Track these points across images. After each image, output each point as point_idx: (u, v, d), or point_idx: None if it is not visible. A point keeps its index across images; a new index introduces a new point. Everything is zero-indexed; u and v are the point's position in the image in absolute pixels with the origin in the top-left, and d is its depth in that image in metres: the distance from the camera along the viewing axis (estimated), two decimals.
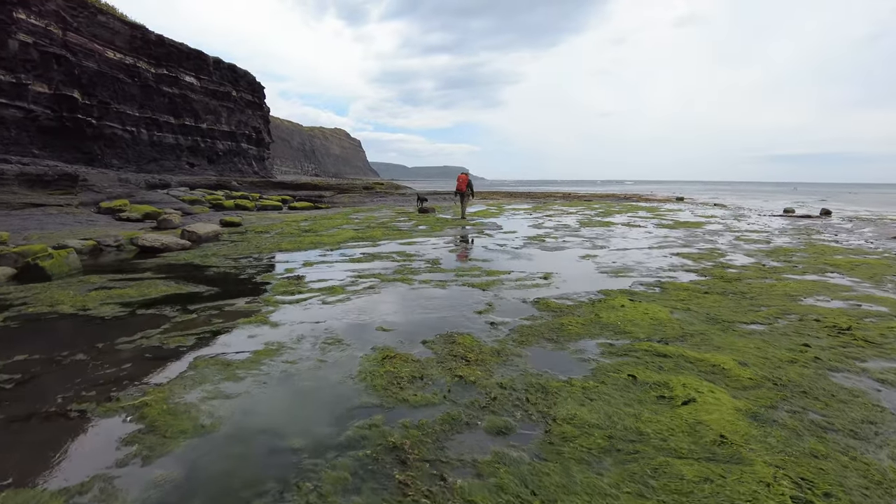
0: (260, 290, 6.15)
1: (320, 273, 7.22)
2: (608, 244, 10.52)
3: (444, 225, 14.54)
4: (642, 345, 4.02)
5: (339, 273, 7.19)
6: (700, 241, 11.22)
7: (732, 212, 22.82)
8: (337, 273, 7.19)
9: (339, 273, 7.18)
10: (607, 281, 6.74)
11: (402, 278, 6.76)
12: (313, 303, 5.49)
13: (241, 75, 39.13)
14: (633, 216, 18.72)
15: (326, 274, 7.14)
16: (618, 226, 14.80)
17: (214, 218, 15.72)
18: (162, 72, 29.42)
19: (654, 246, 10.26)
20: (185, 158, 31.71)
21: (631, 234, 12.43)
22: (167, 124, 30.08)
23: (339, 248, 9.82)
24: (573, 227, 14.06)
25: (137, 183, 21.36)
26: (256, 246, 9.98)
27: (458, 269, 7.55)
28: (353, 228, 13.30)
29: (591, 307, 5.24)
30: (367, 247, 9.98)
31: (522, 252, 9.33)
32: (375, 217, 17.40)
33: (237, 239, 11.26)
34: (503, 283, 6.46)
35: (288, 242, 10.37)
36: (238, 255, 8.82)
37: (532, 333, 4.34)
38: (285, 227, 13.38)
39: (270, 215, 17.07)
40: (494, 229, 13.62)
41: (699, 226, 14.96)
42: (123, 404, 3.02)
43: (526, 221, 16.23)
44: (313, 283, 6.47)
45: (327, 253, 9.14)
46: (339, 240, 10.88)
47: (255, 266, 7.82)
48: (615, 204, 27.82)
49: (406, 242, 10.67)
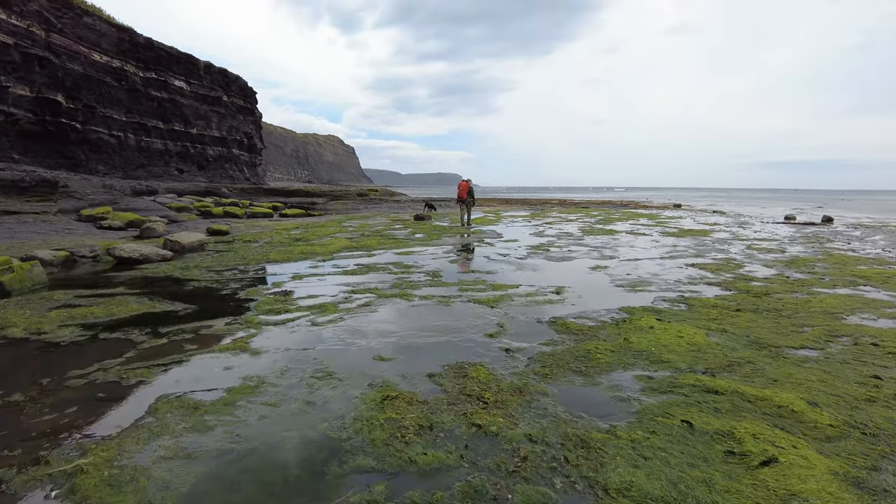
0: (242, 309, 5.50)
1: (311, 288, 6.58)
2: (617, 254, 9.98)
3: (441, 233, 13.95)
4: (686, 378, 3.44)
5: (332, 288, 6.55)
6: (711, 250, 10.72)
7: (734, 219, 22.47)
8: (329, 288, 6.55)
9: (331, 288, 6.55)
10: (626, 296, 6.17)
11: (400, 293, 6.15)
12: (301, 324, 4.86)
13: (233, 80, 38.48)
14: (635, 224, 18.26)
15: (317, 289, 6.50)
16: (622, 234, 14.30)
17: (201, 226, 15.01)
18: (150, 75, 28.70)
19: (666, 256, 9.74)
20: (174, 164, 30.90)
21: (638, 243, 11.91)
22: (156, 129, 29.31)
23: (331, 258, 9.19)
24: (576, 236, 13.53)
25: (123, 189, 20.57)
26: (243, 257, 9.31)
27: (460, 282, 6.95)
28: (347, 237, 12.67)
29: (616, 328, 4.66)
30: (362, 257, 9.36)
31: (528, 263, 8.76)
32: (370, 225, 16.78)
33: (223, 249, 10.59)
34: (512, 299, 5.87)
35: (277, 253, 9.71)
36: (222, 267, 8.16)
37: (556, 363, 3.74)
38: (275, 236, 12.72)
39: (260, 223, 16.38)
40: (494, 238, 13.06)
41: (705, 234, 14.50)
42: (53, 470, 2.36)
43: (526, 229, 15.69)
44: (302, 300, 5.83)
45: (319, 264, 8.50)
46: (331, 249, 10.24)
47: (240, 280, 7.17)
48: (614, 211, 27.44)
49: (403, 252, 10.07)
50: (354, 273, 7.62)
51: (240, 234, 13.60)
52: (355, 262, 8.64)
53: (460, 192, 16.27)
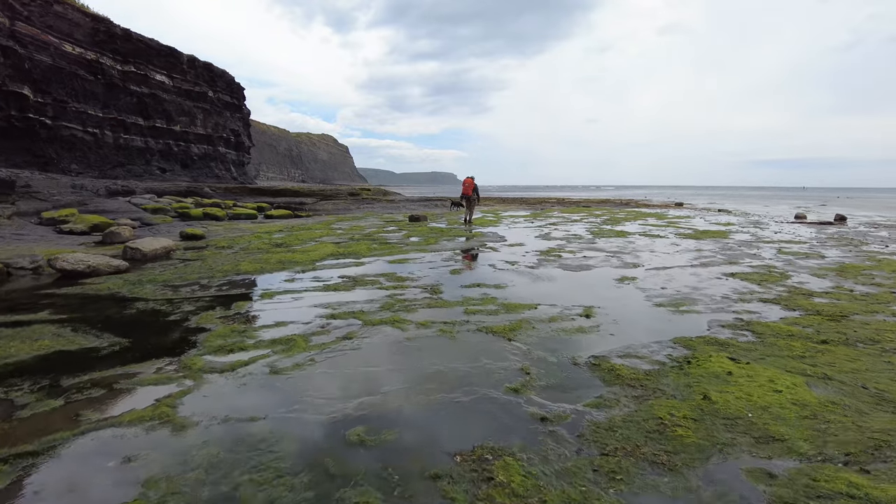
0: (187, 344, 4.24)
1: (280, 310, 5.33)
2: (639, 260, 8.80)
3: (439, 236, 12.72)
4: (823, 471, 2.25)
5: (306, 311, 5.30)
6: (742, 255, 9.58)
7: (744, 218, 21.45)
8: (303, 311, 5.30)
9: (305, 311, 5.30)
10: (673, 320, 4.98)
11: (391, 318, 4.91)
12: (256, 371, 3.61)
13: (219, 75, 36.93)
14: (644, 224, 17.14)
15: (288, 312, 5.25)
16: (635, 236, 13.15)
17: (175, 230, 13.67)
18: (129, 69, 27.16)
19: (695, 263, 8.57)
20: (155, 163, 29.39)
21: (657, 247, 10.75)
22: (135, 126, 27.79)
23: (313, 268, 7.93)
24: (587, 239, 12.36)
25: (95, 189, 19.13)
26: (210, 267, 8.02)
27: (465, 300, 5.72)
28: (335, 241, 11.40)
29: (682, 375, 3.45)
30: (349, 267, 8.11)
31: (541, 273, 7.55)
32: (361, 227, 15.51)
33: (192, 257, 9.29)
34: (533, 326, 4.66)
35: (251, 262, 8.43)
36: (182, 282, 6.87)
37: (621, 447, 2.52)
38: (254, 241, 11.42)
39: (241, 225, 15.08)
40: (497, 241, 11.85)
41: (724, 235, 13.39)
42: None
43: (530, 231, 14.50)
44: (266, 331, 4.58)
45: (297, 276, 7.24)
46: (314, 257, 8.98)
47: (197, 299, 5.89)
48: (617, 210, 26.36)
49: (397, 260, 8.83)
50: (337, 289, 6.36)
51: (216, 238, 12.29)
52: (340, 274, 7.38)
53: (465, 189, 15.60)
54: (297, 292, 6.20)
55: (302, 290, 6.28)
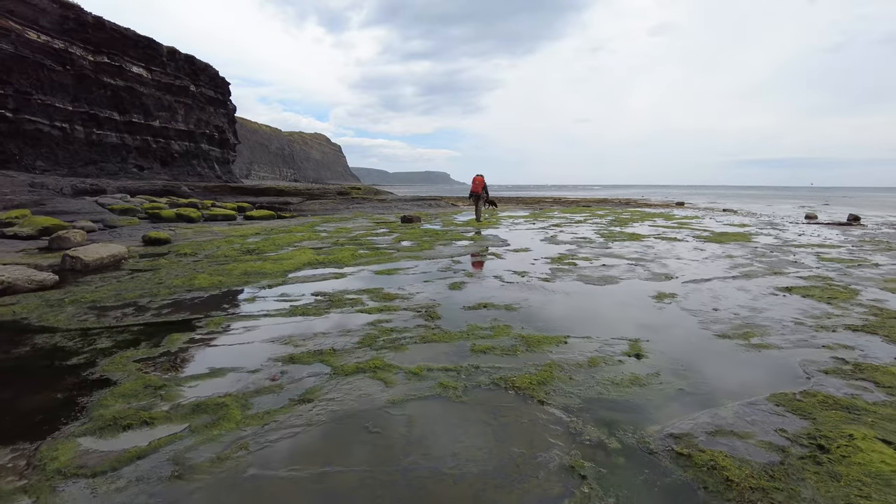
0: (70, 410, 2.89)
1: (223, 348, 3.98)
2: (668, 270, 7.55)
3: (434, 239, 11.40)
4: None
5: (258, 348, 3.95)
6: (781, 262, 8.38)
7: (755, 219, 20.40)
8: (254, 349, 3.95)
9: (257, 349, 3.95)
10: (750, 361, 3.71)
11: (372, 363, 3.59)
12: (150, 474, 2.26)
13: (202, 68, 35.20)
14: (654, 226, 15.96)
15: (233, 351, 3.90)
16: (650, 239, 11.93)
17: (139, 233, 12.20)
18: (102, 60, 25.43)
19: (735, 273, 7.34)
20: (132, 161, 27.69)
21: (681, 253, 9.52)
22: (109, 121, 26.08)
23: (283, 282, 6.57)
24: (599, 243, 11.10)
25: (59, 188, 17.55)
26: (159, 281, 6.63)
27: (470, 329, 4.42)
28: (315, 247, 10.03)
29: (825, 478, 2.17)
30: (327, 279, 6.76)
31: (559, 288, 6.26)
32: (348, 229, 14.14)
33: (145, 266, 7.88)
34: (569, 375, 3.37)
35: (211, 273, 7.05)
36: (116, 302, 5.49)
37: None
38: (223, 246, 10.02)
39: (215, 228, 13.66)
40: (499, 245, 10.56)
41: (746, 238, 12.22)
42: None
43: (533, 234, 13.22)
44: (192, 386, 3.23)
45: (259, 294, 5.88)
46: (288, 267, 7.62)
47: (122, 329, 4.52)
48: (620, 210, 25.23)
49: (385, 270, 7.49)
50: (307, 312, 5.01)
51: (182, 243, 10.86)
52: (315, 290, 6.03)
53: (475, 186, 15.49)
54: (253, 318, 4.84)
55: (261, 315, 4.92)
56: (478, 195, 15.78)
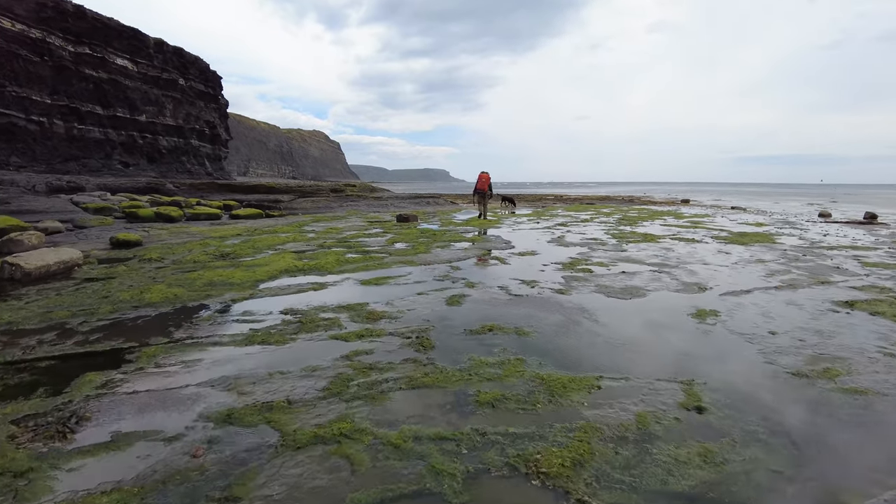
0: None
1: (146, 397, 2.99)
2: (699, 278, 6.58)
3: (430, 241, 10.41)
4: None
5: (191, 398, 2.96)
6: (821, 268, 7.43)
7: (769, 217, 19.48)
8: (186, 398, 2.96)
9: (189, 399, 2.96)
10: (849, 418, 2.75)
11: (337, 425, 2.60)
12: None
13: (191, 61, 34.00)
14: (665, 225, 15.01)
15: (158, 403, 2.91)
16: (665, 240, 10.97)
17: (108, 234, 11.17)
18: (83, 51, 24.25)
19: (776, 282, 6.38)
20: (117, 157, 26.57)
21: (705, 256, 8.55)
22: (92, 115, 24.93)
23: (251, 294, 5.58)
24: (611, 245, 10.13)
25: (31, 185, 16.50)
26: (106, 294, 5.63)
27: (473, 367, 3.44)
28: (299, 250, 9.03)
29: None
30: (304, 290, 5.78)
31: (575, 301, 5.28)
32: (338, 229, 13.14)
33: (99, 275, 6.87)
34: (611, 444, 2.40)
35: (170, 284, 6.05)
36: (36, 324, 4.48)
37: None
38: (196, 249, 9.01)
39: (193, 228, 12.64)
40: (503, 247, 9.59)
41: (768, 239, 11.28)
42: None
43: (539, 234, 12.25)
44: (76, 468, 2.24)
45: (217, 312, 4.88)
46: (261, 275, 6.62)
47: (22, 367, 3.52)
48: (626, 208, 24.27)
49: (373, 279, 6.50)
50: (267, 340, 4.02)
51: (152, 245, 9.85)
52: (285, 307, 5.04)
53: (481, 183, 15.24)
54: (199, 347, 3.85)
55: (209, 344, 3.93)
56: (483, 192, 15.53)
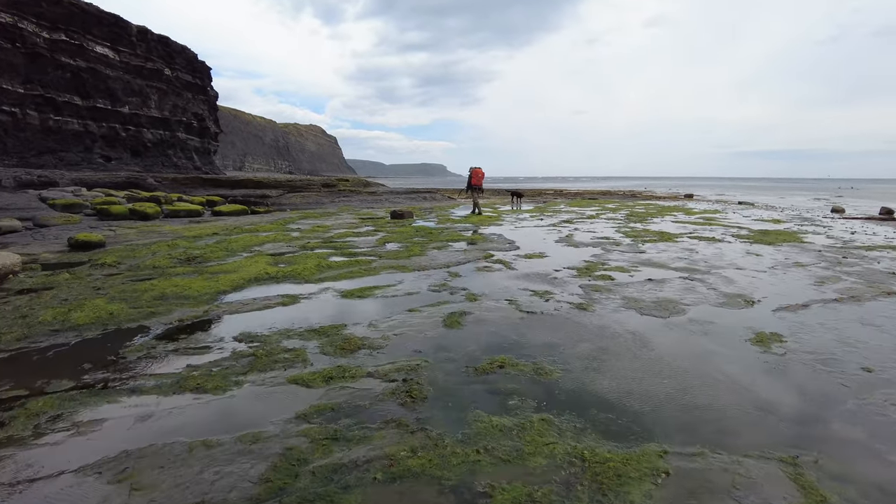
0: None
1: None
2: (737, 286, 5.61)
3: (426, 241, 9.40)
4: None
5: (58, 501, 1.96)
6: (873, 273, 6.49)
7: (783, 213, 18.57)
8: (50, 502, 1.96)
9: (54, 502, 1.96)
10: None
11: None
12: None
13: (178, 51, 32.62)
14: (677, 222, 14.06)
15: None
16: (683, 239, 10.01)
17: (68, 234, 10.09)
18: (59, 37, 22.91)
19: (833, 294, 5.42)
20: (98, 150, 25.31)
21: (734, 258, 7.59)
22: (70, 106, 23.64)
23: (205, 312, 4.56)
24: (626, 245, 9.15)
25: None
26: (23, 314, 4.58)
27: (479, 435, 2.46)
28: (277, 252, 8.01)
29: None
30: (272, 306, 4.77)
31: (601, 321, 4.29)
32: (326, 227, 12.10)
33: (35, 284, 5.83)
34: None
35: (109, 298, 5.03)
36: None
37: None
38: (160, 252, 7.97)
39: (166, 227, 11.57)
40: (506, 248, 8.59)
41: (795, 238, 10.34)
42: None
43: (544, 232, 11.25)
44: None
45: (154, 339, 3.87)
46: (225, 285, 5.60)
47: None
48: (631, 203, 23.33)
49: (356, 290, 5.49)
50: (203, 386, 3.00)
51: (116, 246, 8.80)
52: (241, 332, 4.03)
53: (476, 179, 14.88)
54: (108, 398, 2.83)
55: (124, 392, 2.91)
56: (478, 188, 15.20)
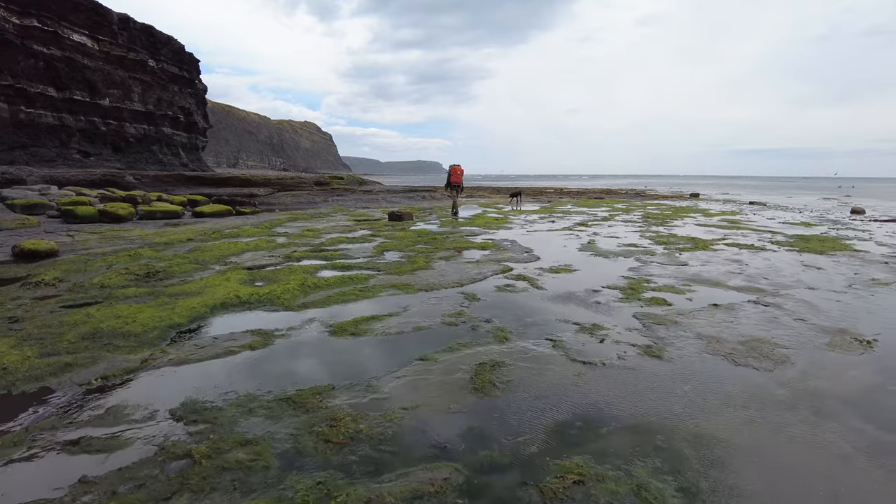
0: None
1: None
2: (829, 318, 4.47)
3: (431, 248, 8.17)
4: None
5: None
6: None
7: (805, 215, 17.54)
8: None
9: None
10: None
11: None
12: None
13: (163, 41, 31.01)
14: (700, 225, 12.96)
15: None
16: (719, 246, 8.88)
17: (14, 241, 8.73)
18: (31, 23, 21.38)
19: None
20: (75, 145, 23.78)
21: (795, 273, 6.44)
22: (43, 97, 22.10)
23: (143, 363, 3.33)
24: (661, 254, 7.98)
25: None
26: None
27: None
28: (256, 265, 6.75)
29: None
30: (236, 352, 3.54)
31: (684, 376, 3.11)
32: (316, 231, 10.84)
33: None
34: None
35: (16, 339, 3.77)
36: None
37: None
38: (116, 265, 6.68)
39: (134, 232, 10.24)
40: (525, 258, 7.40)
41: (843, 246, 9.23)
42: None
43: (561, 238, 10.07)
44: None
45: (39, 435, 2.63)
46: (180, 316, 4.36)
47: None
48: (640, 203, 22.24)
49: (348, 324, 4.26)
50: None
51: (69, 256, 7.50)
52: (180, 404, 2.79)
53: (455, 176, 14.03)
54: None
55: None
56: (457, 185, 14.38)
